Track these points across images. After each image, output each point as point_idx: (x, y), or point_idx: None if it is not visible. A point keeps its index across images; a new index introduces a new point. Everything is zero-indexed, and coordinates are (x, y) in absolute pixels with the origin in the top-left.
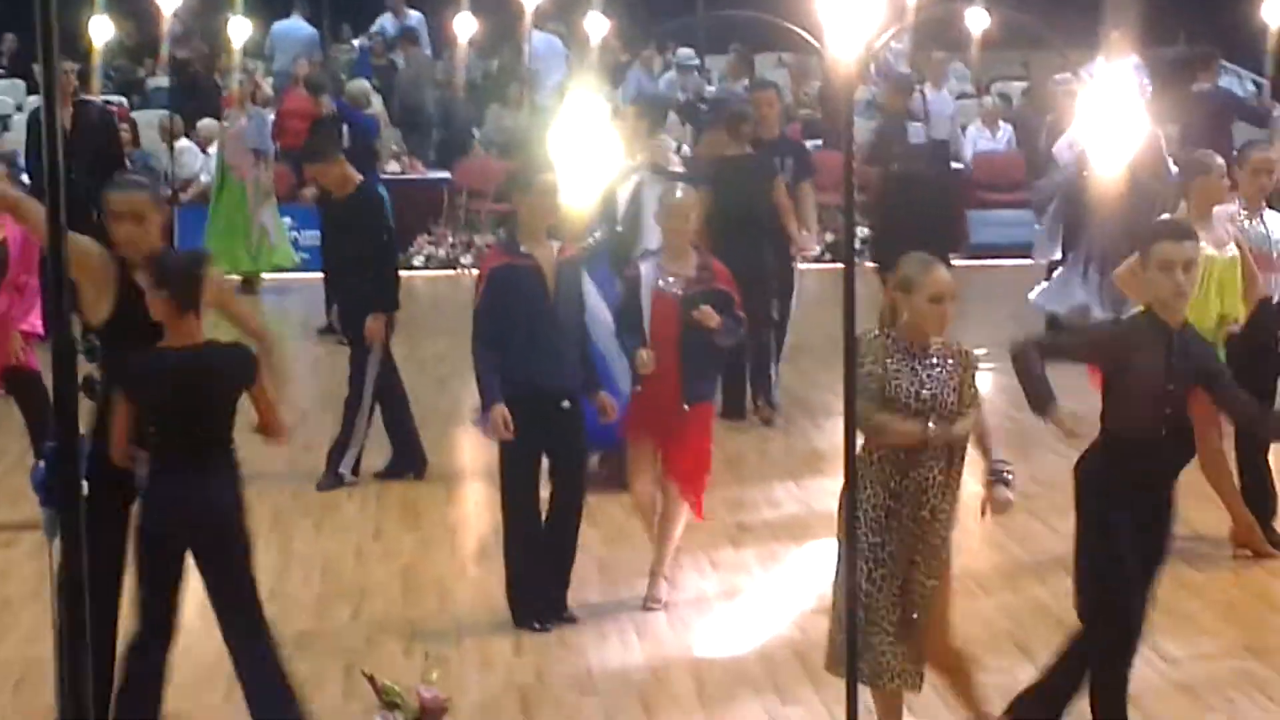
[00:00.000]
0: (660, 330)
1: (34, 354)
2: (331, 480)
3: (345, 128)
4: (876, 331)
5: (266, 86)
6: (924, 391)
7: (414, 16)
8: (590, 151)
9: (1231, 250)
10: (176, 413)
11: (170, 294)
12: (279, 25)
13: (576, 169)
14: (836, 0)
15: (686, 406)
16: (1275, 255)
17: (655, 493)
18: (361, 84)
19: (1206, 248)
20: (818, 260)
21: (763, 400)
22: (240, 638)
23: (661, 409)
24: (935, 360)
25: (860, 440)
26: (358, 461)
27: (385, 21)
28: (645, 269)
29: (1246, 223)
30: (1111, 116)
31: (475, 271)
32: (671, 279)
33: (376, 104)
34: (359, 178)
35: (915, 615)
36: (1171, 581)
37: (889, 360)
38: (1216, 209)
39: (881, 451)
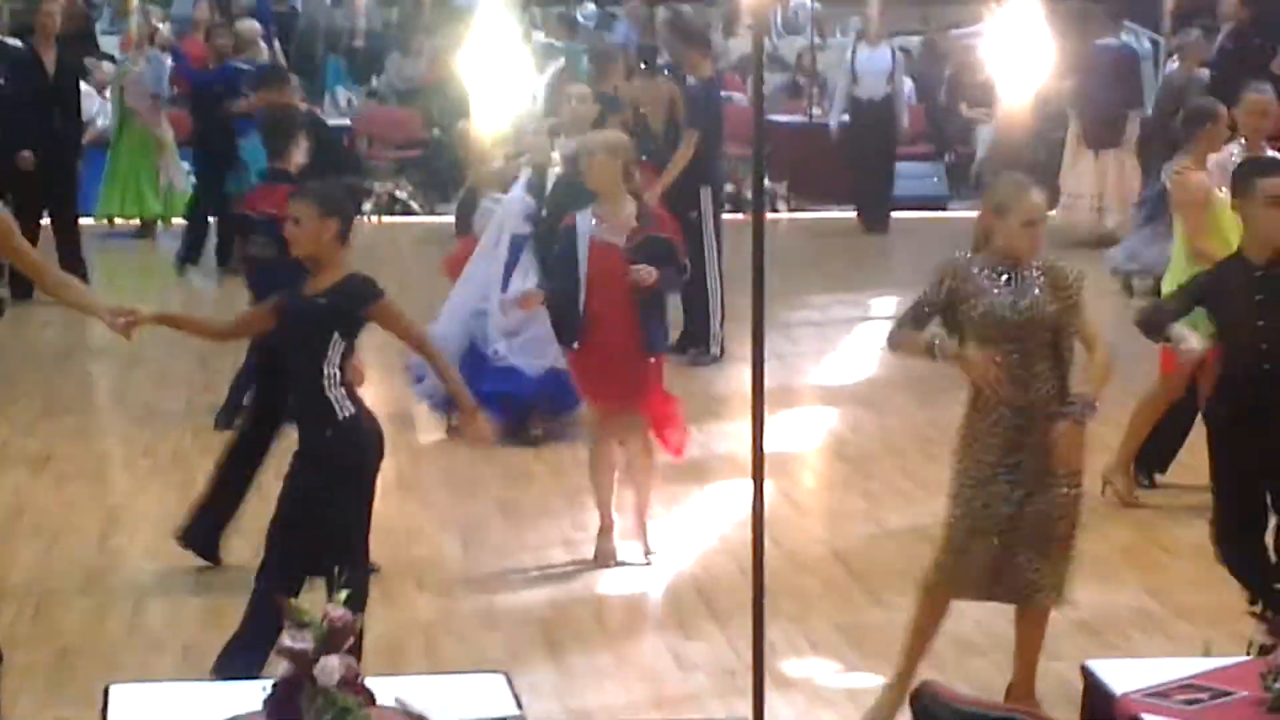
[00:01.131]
0: (605, 282)
1: None
2: (229, 415)
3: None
4: (965, 254)
5: (165, 30)
6: (1020, 303)
7: None
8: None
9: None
10: None
11: None
12: None
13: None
14: None
15: (651, 358)
16: None
17: (616, 451)
18: (251, 24)
19: (1220, 190)
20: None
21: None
22: None
23: (619, 362)
24: (1028, 277)
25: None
26: None
27: None
28: (580, 220)
29: None
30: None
31: (377, 219)
32: (609, 228)
33: (272, 49)
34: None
35: (1060, 530)
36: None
37: (977, 279)
38: (1214, 156)
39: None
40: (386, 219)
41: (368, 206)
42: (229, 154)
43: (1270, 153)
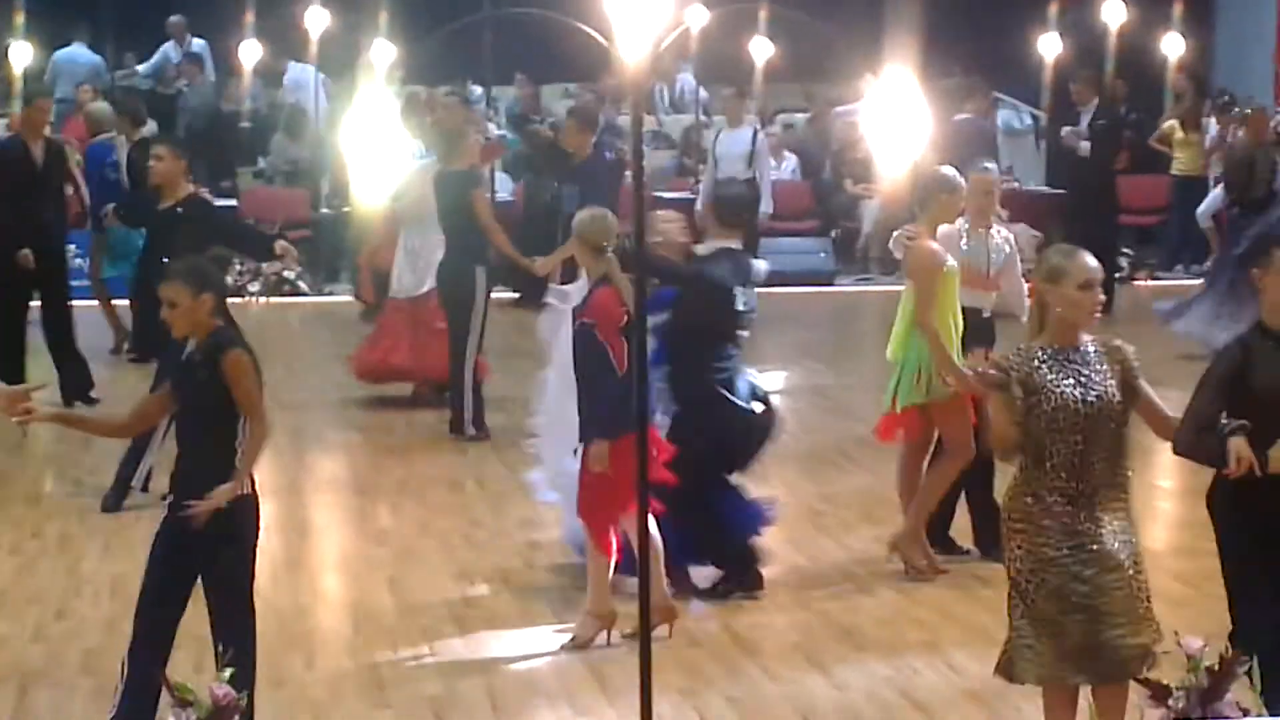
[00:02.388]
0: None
1: None
2: (118, 496)
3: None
4: (1025, 345)
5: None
6: (1090, 395)
7: (198, 44)
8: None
9: (953, 263)
10: None
11: None
12: (61, 53)
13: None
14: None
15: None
16: (990, 274)
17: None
18: (102, 106)
19: (950, 260)
20: None
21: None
22: None
23: None
24: (1092, 359)
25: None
26: (148, 478)
27: (169, 49)
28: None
29: (965, 242)
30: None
31: (264, 300)
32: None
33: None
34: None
35: (1146, 601)
36: (963, 595)
37: (1046, 371)
38: (943, 228)
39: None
40: (275, 299)
41: (255, 287)
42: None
43: (997, 230)
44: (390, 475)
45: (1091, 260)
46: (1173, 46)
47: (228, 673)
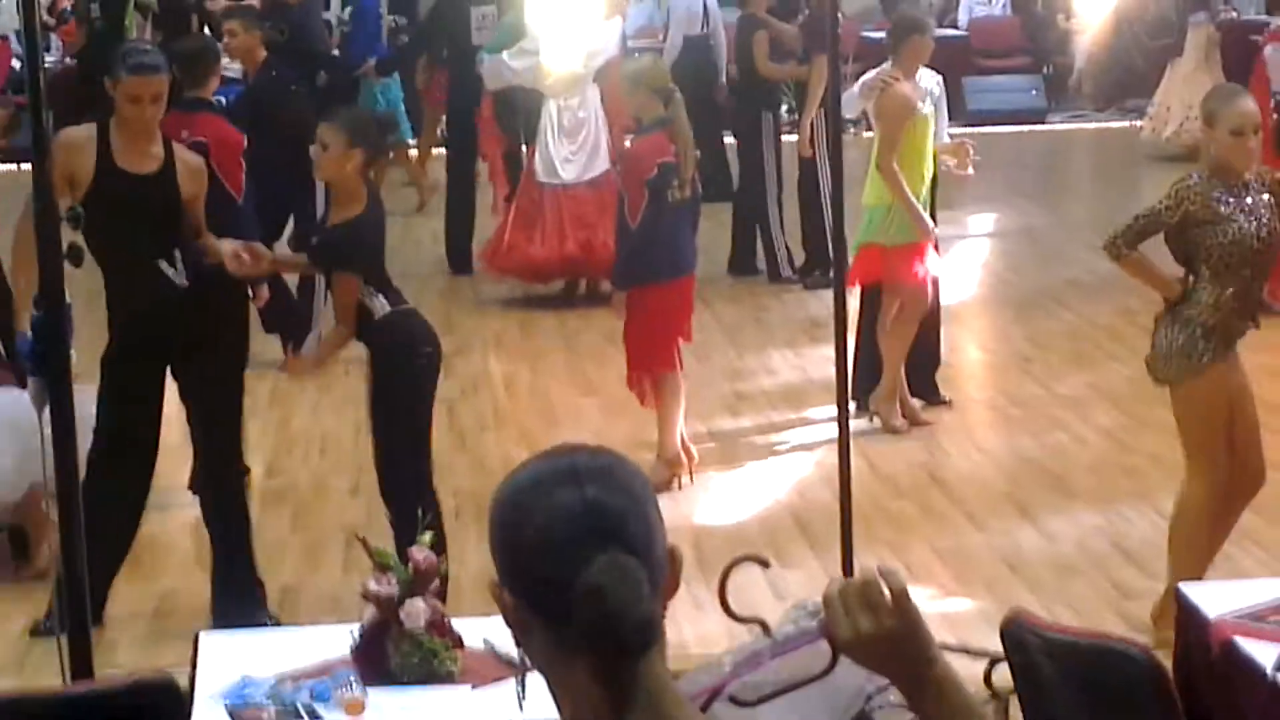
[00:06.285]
0: None
1: None
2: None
3: None
4: (1195, 175)
5: None
6: (1262, 230)
7: None
8: None
9: (926, 110)
10: None
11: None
12: None
13: None
14: None
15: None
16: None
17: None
18: None
19: (923, 106)
20: None
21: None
22: None
23: None
24: (1254, 194)
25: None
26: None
27: None
28: None
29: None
30: None
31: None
32: None
33: None
34: None
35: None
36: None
37: (1215, 205)
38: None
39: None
40: None
41: None
42: None
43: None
44: (597, 327)
45: (1248, 104)
46: None
47: (427, 536)
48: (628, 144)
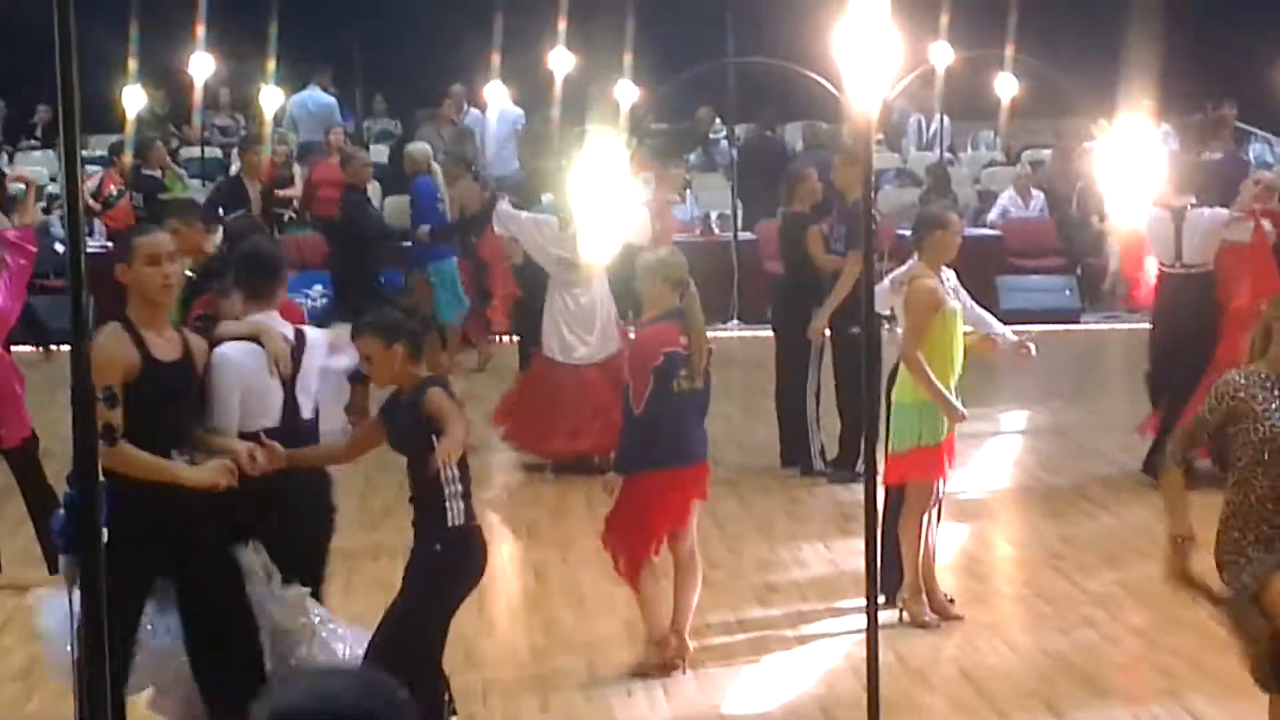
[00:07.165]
0: None
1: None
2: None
3: None
4: (1243, 369)
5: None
6: None
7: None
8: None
9: (954, 305)
10: None
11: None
12: (298, 96)
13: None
14: (855, 47)
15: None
16: None
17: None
18: (423, 147)
19: (951, 300)
20: None
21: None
22: None
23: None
24: None
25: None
26: None
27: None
28: None
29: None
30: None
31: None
32: None
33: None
34: None
35: None
36: (1208, 642)
37: (1257, 397)
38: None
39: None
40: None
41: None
42: None
43: (946, 273)
44: None
45: None
46: None
47: None
48: (633, 335)
